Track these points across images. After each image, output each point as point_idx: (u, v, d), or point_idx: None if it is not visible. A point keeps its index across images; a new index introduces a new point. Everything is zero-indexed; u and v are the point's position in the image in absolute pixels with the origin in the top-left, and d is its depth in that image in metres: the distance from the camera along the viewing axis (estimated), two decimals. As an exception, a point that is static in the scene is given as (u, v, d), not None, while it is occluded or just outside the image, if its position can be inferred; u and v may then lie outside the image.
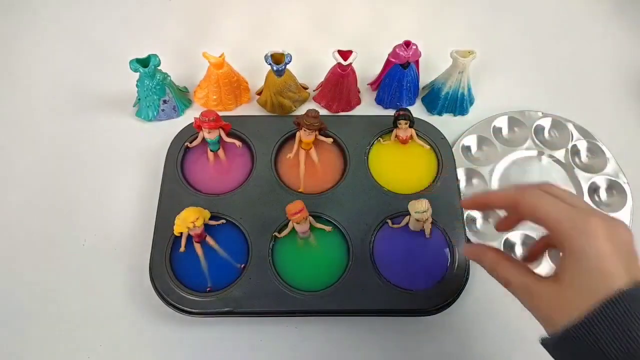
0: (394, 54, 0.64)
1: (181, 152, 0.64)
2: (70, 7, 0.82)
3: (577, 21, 0.80)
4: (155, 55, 0.64)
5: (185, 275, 0.57)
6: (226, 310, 0.55)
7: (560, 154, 0.64)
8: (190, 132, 0.65)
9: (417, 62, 0.66)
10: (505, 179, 0.62)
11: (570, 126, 0.65)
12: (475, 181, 0.65)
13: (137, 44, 0.72)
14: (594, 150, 0.64)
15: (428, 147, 0.66)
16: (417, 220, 0.58)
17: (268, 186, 0.62)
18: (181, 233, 0.57)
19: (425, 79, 0.70)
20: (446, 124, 0.68)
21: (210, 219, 0.59)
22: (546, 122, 0.65)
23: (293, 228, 0.58)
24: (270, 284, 0.57)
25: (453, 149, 0.65)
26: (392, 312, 0.57)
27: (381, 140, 0.66)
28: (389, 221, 0.61)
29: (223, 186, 0.63)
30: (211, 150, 0.64)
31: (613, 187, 0.62)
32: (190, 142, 0.64)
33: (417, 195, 0.61)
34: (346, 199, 0.62)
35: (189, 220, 0.54)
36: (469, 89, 0.66)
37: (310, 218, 0.59)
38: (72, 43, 0.78)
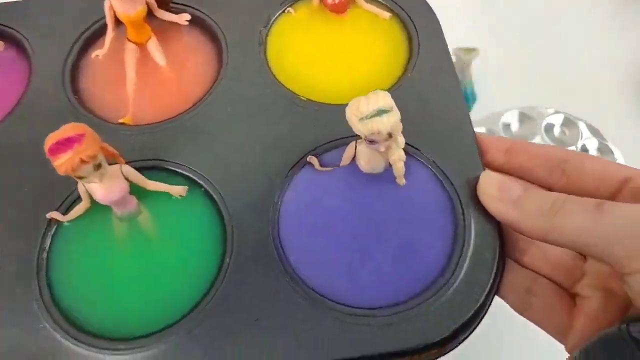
0: None
1: None
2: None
3: (588, 19, 0.74)
4: None
5: None
6: None
7: (569, 152, 0.57)
8: None
9: None
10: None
11: (582, 125, 0.62)
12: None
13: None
14: (603, 150, 0.61)
15: (388, 14, 0.33)
16: (371, 142, 0.24)
17: (53, 118, 0.29)
18: None
19: None
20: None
21: None
22: (557, 120, 0.63)
23: (91, 199, 0.25)
24: (40, 331, 0.24)
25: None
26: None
27: (291, 10, 0.33)
28: (313, 159, 0.28)
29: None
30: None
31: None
32: None
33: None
34: (222, 126, 0.29)
35: None
36: (472, 87, 0.62)
37: (132, 171, 0.26)
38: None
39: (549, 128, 0.62)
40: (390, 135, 0.24)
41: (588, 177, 0.25)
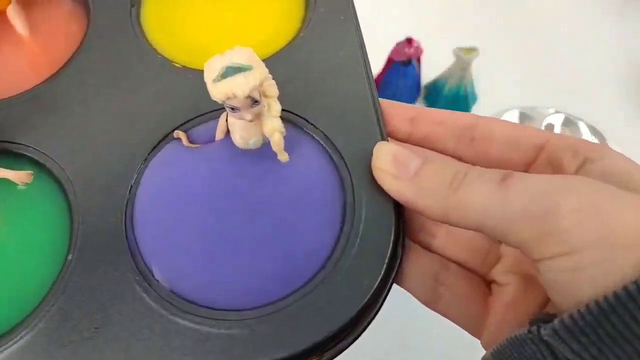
0: (395, 51, 0.60)
1: None
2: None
3: (589, 19, 0.74)
4: None
5: None
6: None
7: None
8: None
9: (418, 60, 0.61)
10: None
11: (582, 125, 0.62)
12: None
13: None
14: None
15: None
16: (233, 109, 0.20)
17: None
18: None
19: (428, 76, 0.65)
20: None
21: None
22: (557, 120, 0.63)
23: None
24: None
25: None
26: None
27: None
28: (180, 134, 0.23)
29: None
30: None
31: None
32: None
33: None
34: (79, 99, 0.25)
35: None
36: (472, 87, 0.63)
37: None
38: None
39: (549, 128, 0.61)
40: (254, 100, 0.20)
41: (499, 145, 0.22)
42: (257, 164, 0.23)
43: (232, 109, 0.20)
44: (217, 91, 0.19)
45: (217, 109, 0.24)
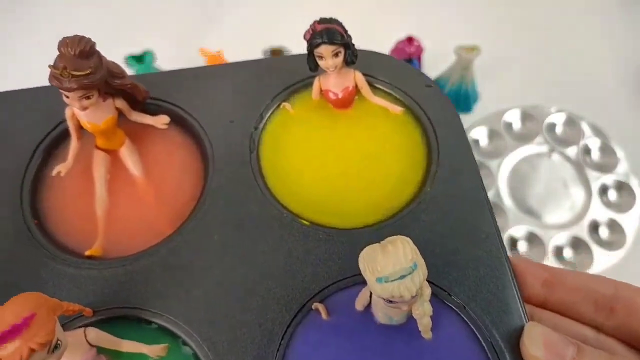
0: (396, 49, 0.60)
1: None
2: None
3: (591, 18, 0.73)
4: (151, 52, 0.58)
5: None
6: None
7: (571, 151, 0.60)
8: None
9: (419, 58, 0.61)
10: (514, 173, 0.59)
11: (583, 124, 0.62)
12: (482, 173, 0.50)
13: (133, 39, 0.65)
14: (606, 149, 0.60)
15: (399, 108, 0.28)
16: (391, 301, 0.20)
17: (4, 254, 0.24)
18: None
19: (429, 75, 0.53)
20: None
21: None
22: (559, 119, 0.63)
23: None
24: None
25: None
26: None
27: (287, 105, 0.28)
28: (319, 307, 0.23)
29: None
30: None
31: (622, 187, 0.58)
32: None
33: (383, 229, 0.23)
34: (207, 260, 0.24)
35: None
36: (473, 86, 0.62)
37: (101, 337, 0.21)
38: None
39: (551, 127, 0.61)
40: (414, 293, 0.20)
41: None
42: (400, 339, 0.22)
43: (390, 301, 0.20)
44: (386, 292, 0.19)
45: (357, 274, 0.23)
